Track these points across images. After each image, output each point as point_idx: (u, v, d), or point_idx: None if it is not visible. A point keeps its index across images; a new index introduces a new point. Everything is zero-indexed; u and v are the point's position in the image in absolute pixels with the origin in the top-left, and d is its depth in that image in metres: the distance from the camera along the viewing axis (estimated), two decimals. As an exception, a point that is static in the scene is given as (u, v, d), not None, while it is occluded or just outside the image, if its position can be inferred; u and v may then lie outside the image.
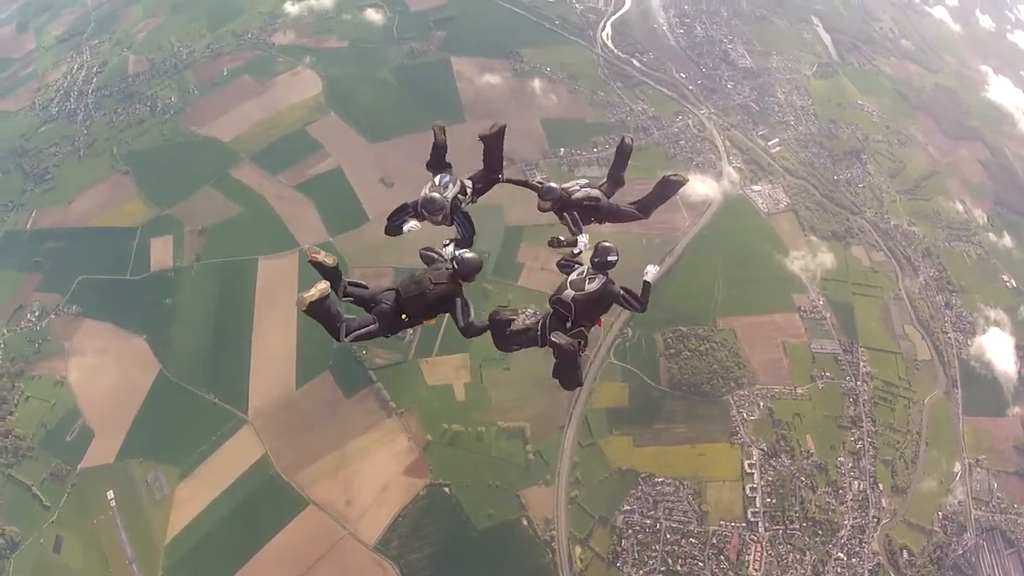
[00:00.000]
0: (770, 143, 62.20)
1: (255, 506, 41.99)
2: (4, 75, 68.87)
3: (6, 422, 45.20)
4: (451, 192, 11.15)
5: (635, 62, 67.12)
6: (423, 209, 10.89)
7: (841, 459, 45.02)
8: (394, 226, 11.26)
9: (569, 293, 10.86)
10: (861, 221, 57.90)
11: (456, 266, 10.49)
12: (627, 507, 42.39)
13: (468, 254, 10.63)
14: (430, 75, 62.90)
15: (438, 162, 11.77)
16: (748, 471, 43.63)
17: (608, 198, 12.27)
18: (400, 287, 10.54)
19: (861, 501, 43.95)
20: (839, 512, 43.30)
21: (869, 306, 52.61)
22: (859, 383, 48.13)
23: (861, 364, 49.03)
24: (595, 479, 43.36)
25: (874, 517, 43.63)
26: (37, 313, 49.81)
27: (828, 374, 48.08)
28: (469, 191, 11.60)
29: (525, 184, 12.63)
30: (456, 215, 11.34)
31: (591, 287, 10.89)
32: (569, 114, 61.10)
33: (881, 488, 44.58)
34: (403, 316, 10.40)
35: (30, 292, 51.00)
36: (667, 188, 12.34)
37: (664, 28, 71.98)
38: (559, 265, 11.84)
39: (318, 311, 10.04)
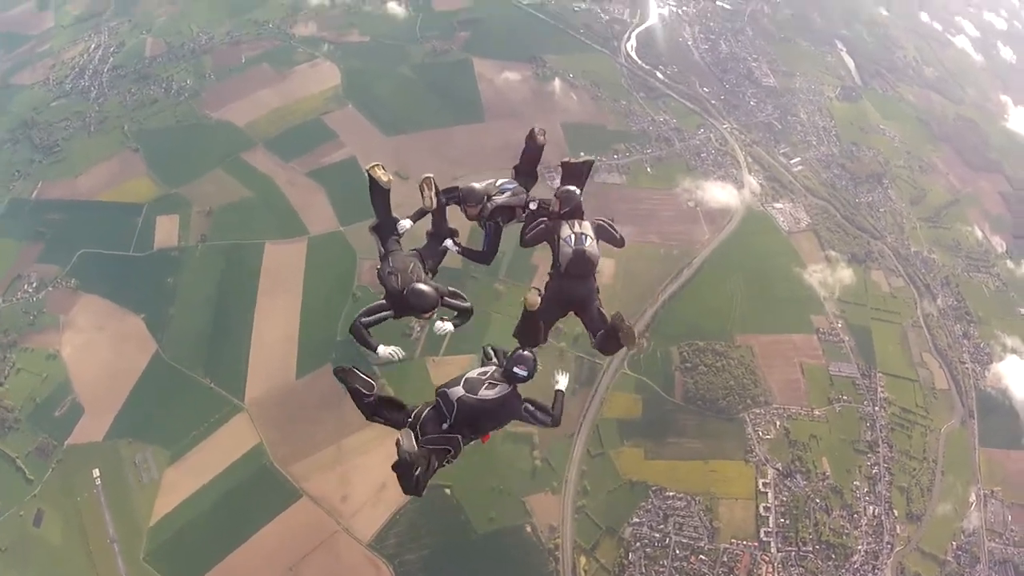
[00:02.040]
0: (792, 161, 61.55)
1: (246, 495, 40.10)
2: (21, 50, 67.74)
3: (-6, 392, 43.45)
4: (502, 199, 10.25)
5: (658, 74, 66.55)
6: (462, 194, 10.22)
7: (857, 483, 43.59)
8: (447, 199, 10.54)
9: (457, 391, 8.85)
10: (881, 246, 57.04)
11: (407, 294, 9.06)
12: (636, 519, 40.63)
13: (424, 288, 9.07)
14: (451, 74, 62.21)
15: (526, 169, 10.99)
16: (762, 490, 42.04)
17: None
18: (393, 253, 9.90)
19: (875, 526, 42.51)
20: (853, 536, 41.76)
21: (887, 331, 51.46)
22: (876, 408, 46.82)
23: (879, 389, 47.76)
24: (604, 489, 41.63)
25: (888, 543, 42.19)
26: (35, 284, 48.13)
27: (846, 397, 46.81)
28: (524, 213, 10.65)
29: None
30: (489, 224, 10.38)
31: (487, 394, 8.88)
32: (591, 120, 60.30)
33: (896, 514, 43.19)
34: None
35: (29, 263, 49.35)
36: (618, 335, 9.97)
37: (689, 43, 71.63)
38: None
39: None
